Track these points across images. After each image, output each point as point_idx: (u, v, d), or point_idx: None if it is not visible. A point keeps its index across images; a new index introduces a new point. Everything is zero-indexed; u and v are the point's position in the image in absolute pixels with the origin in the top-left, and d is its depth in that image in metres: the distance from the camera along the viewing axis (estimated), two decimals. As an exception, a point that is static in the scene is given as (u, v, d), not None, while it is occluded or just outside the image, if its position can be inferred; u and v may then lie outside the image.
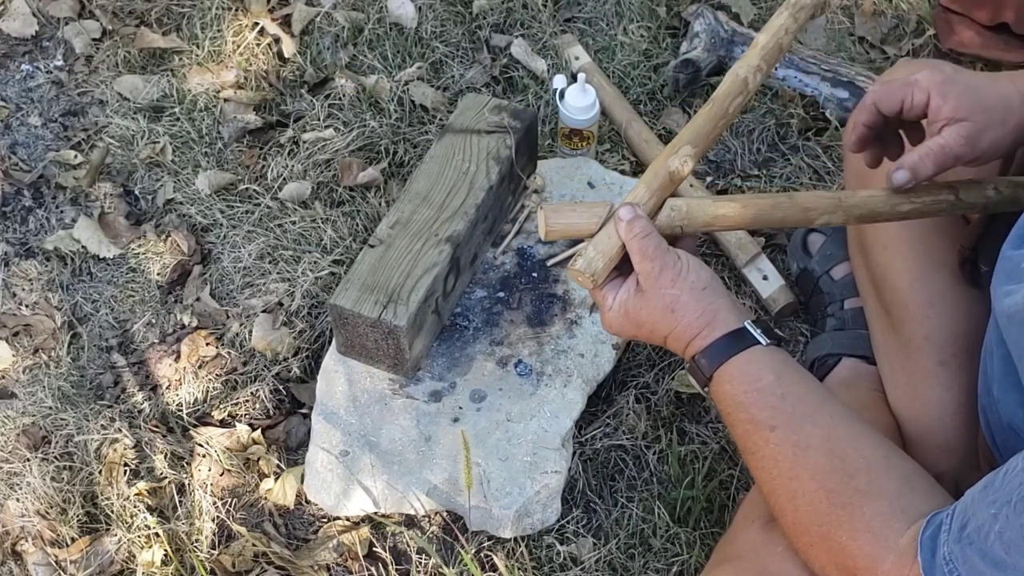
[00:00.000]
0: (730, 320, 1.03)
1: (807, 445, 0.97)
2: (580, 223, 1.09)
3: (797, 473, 0.96)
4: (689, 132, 1.12)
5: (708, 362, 1.03)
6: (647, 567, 1.44)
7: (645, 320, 1.05)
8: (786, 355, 1.05)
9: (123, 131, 1.95)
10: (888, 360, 1.43)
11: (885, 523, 0.90)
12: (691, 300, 1.03)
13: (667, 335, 1.05)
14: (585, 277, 1.05)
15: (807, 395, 1.01)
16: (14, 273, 1.78)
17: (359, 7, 2.09)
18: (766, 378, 1.00)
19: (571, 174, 1.75)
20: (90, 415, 1.60)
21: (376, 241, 1.50)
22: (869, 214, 1.11)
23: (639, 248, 1.03)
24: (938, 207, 1.12)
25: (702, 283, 1.04)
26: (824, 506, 0.94)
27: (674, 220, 1.08)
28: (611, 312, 1.07)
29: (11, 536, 1.49)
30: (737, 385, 1.01)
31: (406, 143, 1.91)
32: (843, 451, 0.96)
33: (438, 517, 1.49)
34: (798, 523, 0.97)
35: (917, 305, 1.34)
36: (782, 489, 0.98)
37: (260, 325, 1.68)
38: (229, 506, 1.51)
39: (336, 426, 1.48)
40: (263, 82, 2.01)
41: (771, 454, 0.99)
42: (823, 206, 1.10)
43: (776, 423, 0.98)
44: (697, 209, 1.09)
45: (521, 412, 1.48)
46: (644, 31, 2.05)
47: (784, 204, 1.10)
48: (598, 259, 1.05)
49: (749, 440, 1.01)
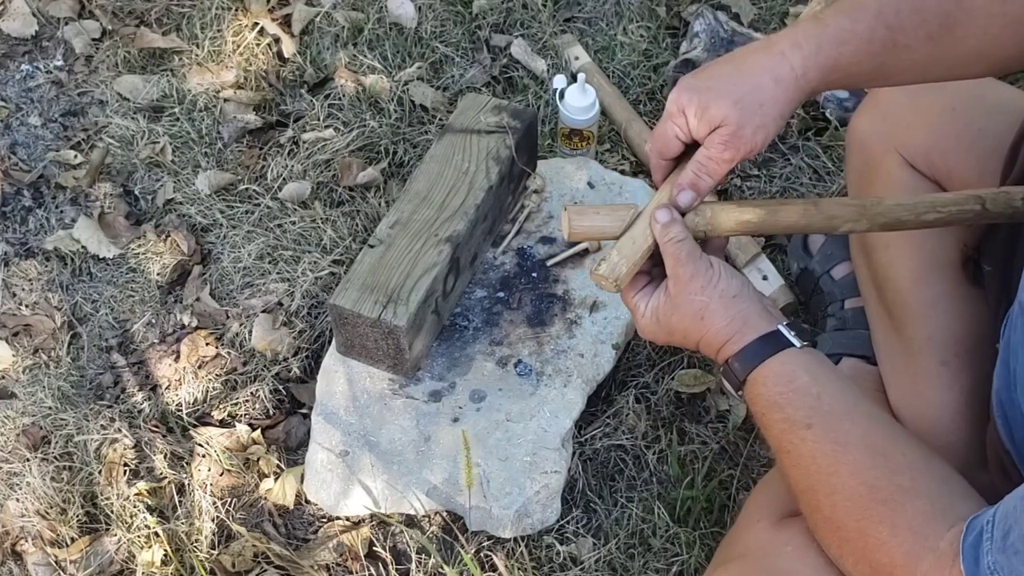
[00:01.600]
0: (761, 324, 1.03)
1: (846, 441, 0.96)
2: (605, 226, 1.09)
3: (836, 469, 0.95)
4: None
5: (741, 365, 1.03)
6: (647, 567, 1.44)
7: (676, 327, 1.06)
8: (821, 356, 1.05)
9: (123, 131, 1.95)
10: (890, 360, 1.42)
11: (927, 522, 0.89)
12: (720, 307, 1.03)
13: (699, 340, 1.06)
14: (609, 282, 1.06)
15: (843, 394, 1.01)
16: (14, 273, 1.78)
17: (359, 7, 2.09)
18: (801, 378, 1.00)
19: (571, 174, 1.75)
20: (90, 415, 1.60)
21: (376, 241, 1.50)
22: (894, 222, 1.11)
23: (674, 252, 1.04)
24: (964, 216, 1.11)
25: (732, 291, 1.04)
26: (865, 500, 0.93)
27: (698, 225, 1.08)
28: (644, 319, 1.08)
29: (11, 536, 1.49)
30: (772, 387, 1.01)
31: (406, 143, 1.91)
32: (884, 448, 0.95)
33: (438, 517, 1.49)
34: (834, 518, 0.96)
35: (919, 305, 1.34)
36: (820, 484, 0.97)
37: (260, 325, 1.68)
38: (229, 506, 1.51)
39: (336, 426, 1.48)
40: (263, 82, 2.01)
41: (808, 452, 0.98)
42: (847, 214, 1.10)
43: (812, 421, 0.98)
44: (722, 214, 1.09)
45: (521, 412, 1.47)
46: (644, 31, 2.05)
47: (810, 212, 1.10)
48: (622, 264, 1.06)
49: (784, 439, 1.00)
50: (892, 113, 1.36)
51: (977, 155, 1.26)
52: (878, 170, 1.36)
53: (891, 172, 1.34)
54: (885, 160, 1.35)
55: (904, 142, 1.34)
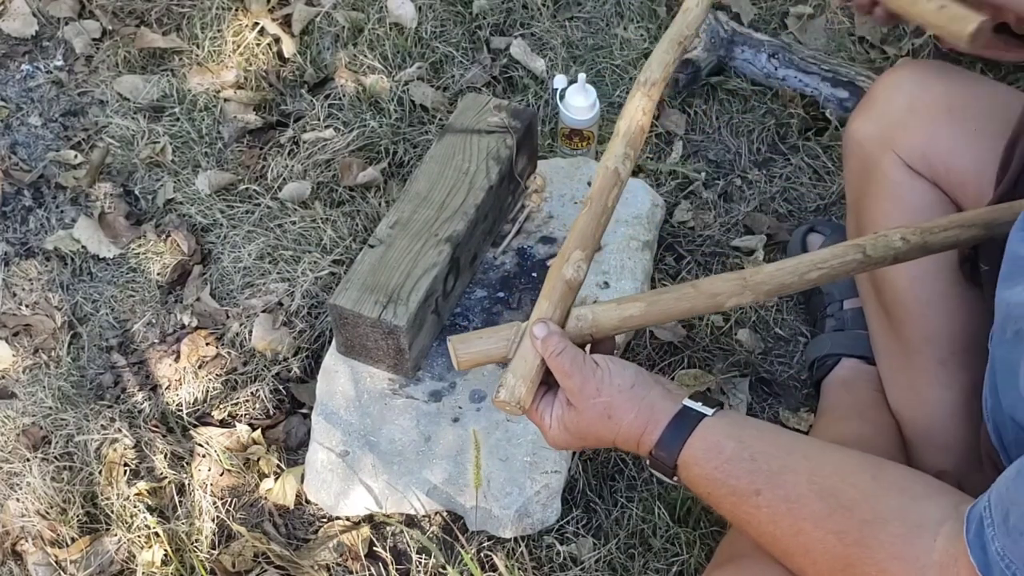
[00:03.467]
0: (668, 407, 1.02)
1: (797, 496, 0.94)
2: (490, 348, 1.08)
3: (799, 527, 0.94)
4: (575, 238, 1.13)
5: (667, 453, 1.01)
6: (647, 567, 1.44)
7: (587, 432, 1.05)
8: (735, 414, 1.04)
9: (123, 131, 1.95)
10: (888, 360, 1.43)
11: (907, 544, 0.87)
12: (623, 401, 1.02)
13: (613, 439, 1.04)
14: (512, 406, 1.04)
15: (774, 446, 0.99)
16: (14, 273, 1.78)
17: (359, 7, 2.10)
18: (728, 446, 0.98)
19: (571, 174, 1.75)
20: (90, 415, 1.60)
21: (376, 241, 1.50)
22: (778, 288, 1.12)
23: (557, 365, 1.03)
24: (847, 267, 1.13)
25: (628, 382, 1.03)
26: (839, 549, 0.91)
27: (583, 329, 1.09)
28: (552, 431, 1.06)
29: (11, 536, 1.50)
30: (704, 464, 0.99)
31: (406, 143, 1.91)
32: (832, 487, 0.93)
33: (438, 517, 1.49)
34: (822, 572, 0.94)
35: (916, 304, 1.34)
36: (793, 547, 0.95)
37: (260, 325, 1.68)
38: (229, 506, 1.51)
39: (336, 426, 1.48)
40: (263, 82, 2.01)
41: (767, 518, 0.96)
42: (729, 289, 1.10)
43: (758, 486, 0.96)
44: (603, 315, 1.09)
45: (521, 412, 1.47)
46: (644, 31, 2.05)
47: (689, 294, 1.10)
48: (519, 385, 1.04)
49: (739, 512, 0.99)
50: (889, 114, 1.36)
51: (974, 155, 1.26)
52: (875, 171, 1.36)
53: (888, 173, 1.34)
54: (882, 161, 1.35)
55: (901, 143, 1.34)
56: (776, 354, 1.67)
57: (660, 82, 1.23)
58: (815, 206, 1.84)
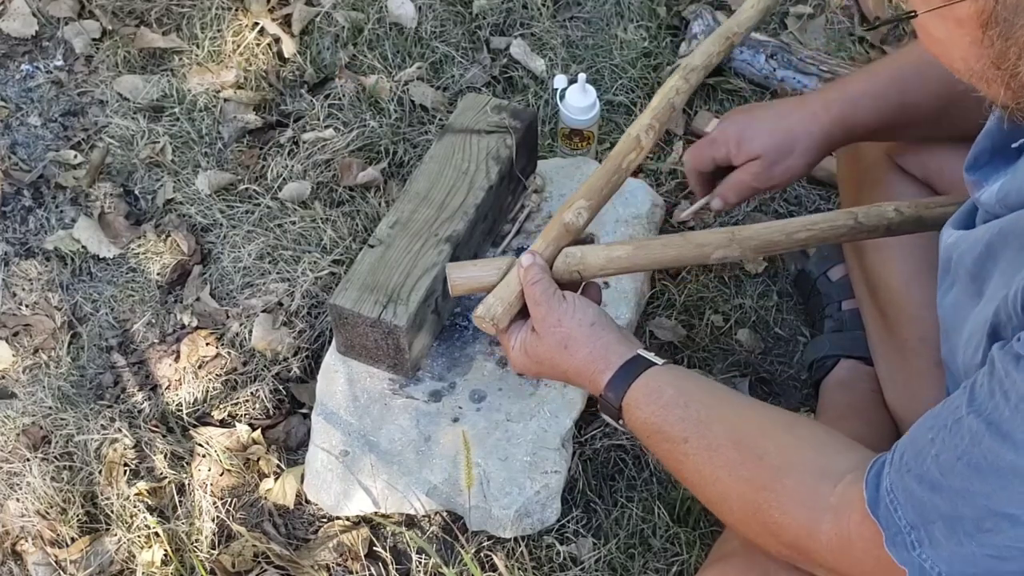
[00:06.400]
0: (623, 351, 1.10)
1: (717, 445, 1.01)
2: (482, 276, 1.18)
3: (718, 475, 1.00)
4: (584, 188, 1.21)
5: (614, 394, 1.08)
6: (647, 567, 1.44)
7: (544, 357, 1.13)
8: (683, 369, 1.12)
9: (123, 131, 1.95)
10: (885, 361, 1.43)
11: (810, 490, 0.93)
12: (581, 336, 1.10)
13: (567, 370, 1.12)
14: (486, 322, 1.14)
15: (709, 396, 1.06)
16: (14, 273, 1.78)
17: (359, 7, 2.10)
18: (667, 392, 1.05)
19: (571, 174, 1.75)
20: (90, 415, 1.60)
21: (376, 241, 1.50)
22: (765, 244, 1.17)
23: (530, 292, 1.13)
24: (837, 232, 1.17)
25: (589, 319, 1.11)
26: (750, 494, 0.97)
27: (570, 265, 1.16)
28: (513, 351, 1.16)
29: (11, 536, 1.50)
30: (644, 408, 1.06)
31: (406, 143, 1.91)
32: (750, 438, 1.00)
33: (438, 517, 1.49)
34: (738, 520, 1.01)
35: (912, 306, 1.34)
36: (713, 494, 1.02)
37: (260, 325, 1.68)
38: (229, 506, 1.52)
39: (336, 426, 1.48)
40: (263, 82, 2.01)
41: (692, 466, 1.03)
42: (716, 240, 1.17)
43: (687, 434, 1.03)
44: (591, 254, 1.16)
45: (521, 412, 1.48)
46: (644, 31, 2.06)
47: (676, 242, 1.16)
48: (497, 305, 1.14)
49: (672, 460, 1.05)
50: None
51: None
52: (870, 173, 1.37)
53: (882, 175, 1.35)
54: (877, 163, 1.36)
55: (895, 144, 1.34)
56: (776, 354, 1.67)
57: (700, 69, 1.33)
58: (814, 206, 1.84)
